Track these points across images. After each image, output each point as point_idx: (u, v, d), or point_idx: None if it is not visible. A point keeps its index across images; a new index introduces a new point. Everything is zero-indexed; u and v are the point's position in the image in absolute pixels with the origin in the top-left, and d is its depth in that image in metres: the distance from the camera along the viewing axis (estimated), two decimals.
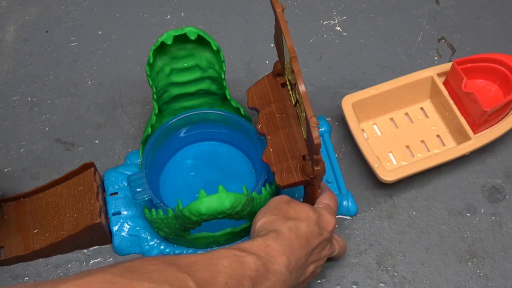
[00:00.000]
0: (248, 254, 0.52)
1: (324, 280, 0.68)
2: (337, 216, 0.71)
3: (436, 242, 0.70)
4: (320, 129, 0.75)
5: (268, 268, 0.52)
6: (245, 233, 0.69)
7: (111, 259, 0.69)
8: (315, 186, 0.63)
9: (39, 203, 0.71)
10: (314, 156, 0.57)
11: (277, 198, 0.61)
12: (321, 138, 0.75)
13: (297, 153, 0.63)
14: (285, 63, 0.64)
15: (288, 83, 0.66)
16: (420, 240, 0.70)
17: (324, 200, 0.64)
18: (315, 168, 0.59)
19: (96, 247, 0.70)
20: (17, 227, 0.70)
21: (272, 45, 0.85)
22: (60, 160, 0.76)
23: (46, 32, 0.87)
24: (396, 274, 0.68)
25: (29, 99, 0.81)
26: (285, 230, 0.55)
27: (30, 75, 0.83)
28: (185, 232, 0.64)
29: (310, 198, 0.65)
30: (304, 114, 0.57)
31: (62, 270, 0.69)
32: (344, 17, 0.88)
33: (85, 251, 0.70)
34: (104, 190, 0.72)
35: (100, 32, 0.87)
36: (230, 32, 0.85)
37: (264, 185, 0.66)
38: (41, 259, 0.69)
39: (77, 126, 0.79)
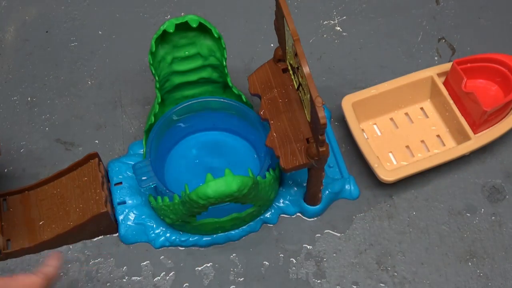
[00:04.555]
0: None
1: (324, 280, 0.68)
2: (341, 199, 0.72)
3: (436, 242, 0.70)
4: None
5: None
6: (250, 218, 0.70)
7: (111, 259, 0.70)
8: (320, 168, 0.63)
9: (44, 195, 0.71)
10: (320, 137, 0.58)
11: None
12: None
13: (301, 136, 0.63)
14: (287, 47, 0.64)
15: (289, 67, 0.66)
16: (420, 240, 0.70)
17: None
18: (320, 149, 0.59)
19: (102, 236, 0.71)
20: (23, 219, 0.70)
21: (272, 45, 0.86)
22: (60, 160, 0.76)
23: (46, 32, 0.87)
24: (396, 274, 0.68)
25: (29, 99, 0.81)
26: None
27: (30, 75, 0.83)
28: (191, 218, 0.65)
29: (314, 182, 0.65)
30: (309, 95, 0.58)
31: (62, 270, 0.69)
32: (344, 17, 0.88)
33: (86, 251, 0.70)
34: (108, 181, 0.72)
35: (100, 32, 0.87)
36: (230, 32, 0.85)
37: (268, 170, 0.66)
38: (41, 259, 0.69)
39: (77, 126, 0.79)
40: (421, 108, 0.77)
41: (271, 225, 0.72)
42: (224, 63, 0.70)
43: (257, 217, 0.71)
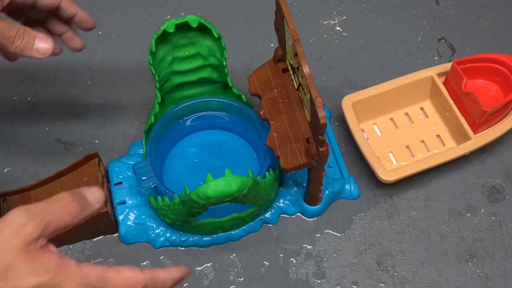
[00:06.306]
0: None
1: (324, 280, 0.68)
2: (341, 199, 0.72)
3: (436, 242, 0.70)
4: None
5: None
6: (250, 218, 0.69)
7: (111, 259, 0.70)
8: (320, 168, 0.63)
9: (44, 195, 0.71)
10: (320, 137, 0.58)
11: None
12: None
13: (301, 136, 0.63)
14: (287, 47, 0.64)
15: (289, 67, 0.66)
16: (420, 240, 0.70)
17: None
18: (320, 149, 0.59)
19: (102, 236, 0.71)
20: None
21: (272, 45, 0.86)
22: (60, 160, 0.76)
23: None
24: (396, 274, 0.68)
25: (29, 99, 0.81)
26: None
27: (30, 75, 0.83)
28: (191, 218, 0.65)
29: (314, 182, 0.65)
30: (309, 95, 0.58)
31: None
32: (344, 17, 0.88)
33: (86, 251, 0.70)
34: (108, 181, 0.72)
35: (100, 32, 0.87)
36: (230, 32, 0.85)
37: (268, 170, 0.66)
38: None
39: (77, 126, 0.79)
40: (421, 108, 0.77)
41: (271, 225, 0.72)
42: (224, 63, 0.70)
43: (257, 217, 0.71)
